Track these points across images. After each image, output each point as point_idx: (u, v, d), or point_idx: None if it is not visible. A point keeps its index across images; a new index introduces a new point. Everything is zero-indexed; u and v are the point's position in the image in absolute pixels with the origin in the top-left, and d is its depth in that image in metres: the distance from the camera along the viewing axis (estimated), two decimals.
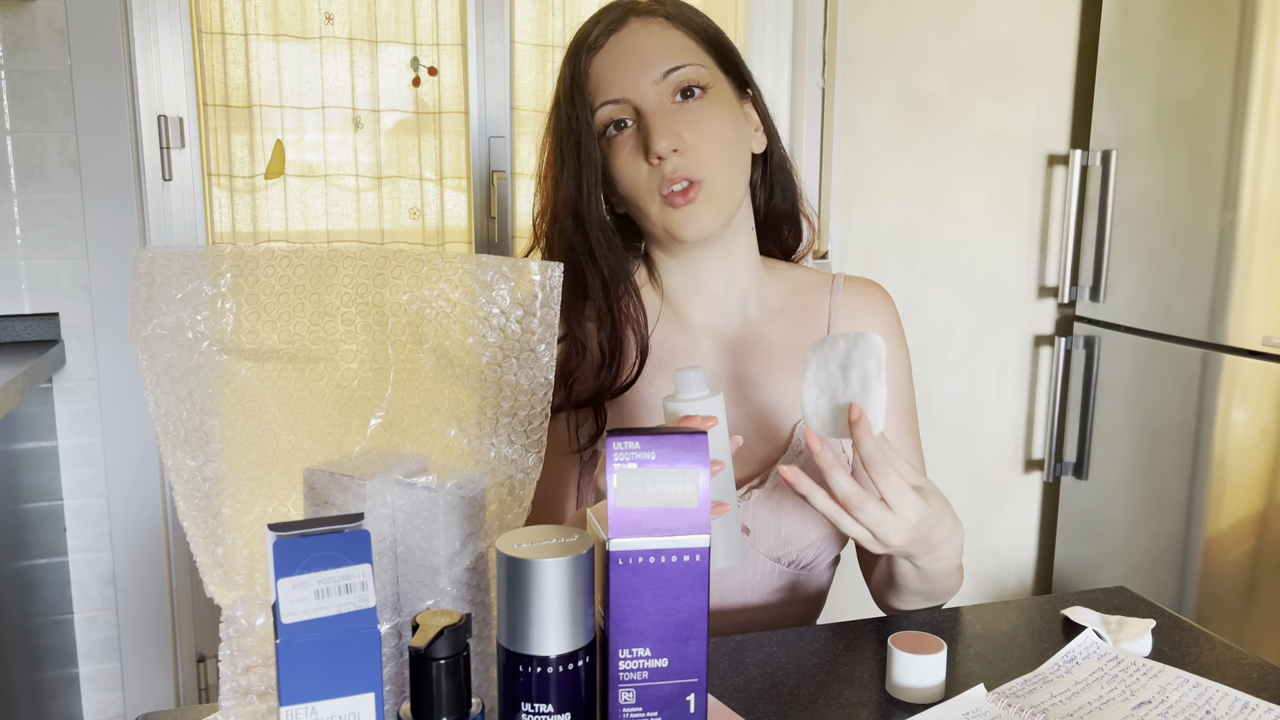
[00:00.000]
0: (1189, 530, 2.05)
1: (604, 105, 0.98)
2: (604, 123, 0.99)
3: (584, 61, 0.99)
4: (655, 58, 0.98)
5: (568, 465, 1.05)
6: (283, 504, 0.67)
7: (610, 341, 1.03)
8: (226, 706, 0.64)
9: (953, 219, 2.37)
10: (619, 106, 0.98)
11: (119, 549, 1.97)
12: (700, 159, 0.97)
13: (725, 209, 1.00)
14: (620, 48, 0.99)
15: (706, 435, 0.63)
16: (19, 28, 1.81)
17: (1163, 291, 2.10)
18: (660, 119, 0.96)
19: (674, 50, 0.99)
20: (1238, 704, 0.78)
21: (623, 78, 0.98)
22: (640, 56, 0.98)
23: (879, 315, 1.11)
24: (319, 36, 2.05)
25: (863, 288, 1.12)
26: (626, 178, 0.99)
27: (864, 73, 2.26)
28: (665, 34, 1.00)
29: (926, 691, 0.79)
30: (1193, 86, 2.00)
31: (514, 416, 0.68)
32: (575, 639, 0.60)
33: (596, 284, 1.03)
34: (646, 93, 0.97)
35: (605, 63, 0.99)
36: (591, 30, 1.01)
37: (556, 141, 1.02)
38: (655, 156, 0.96)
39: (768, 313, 1.08)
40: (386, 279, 0.67)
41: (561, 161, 1.01)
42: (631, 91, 0.97)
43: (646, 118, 0.97)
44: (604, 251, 1.02)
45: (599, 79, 0.99)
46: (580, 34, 1.02)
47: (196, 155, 2.02)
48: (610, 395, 1.02)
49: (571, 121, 1.00)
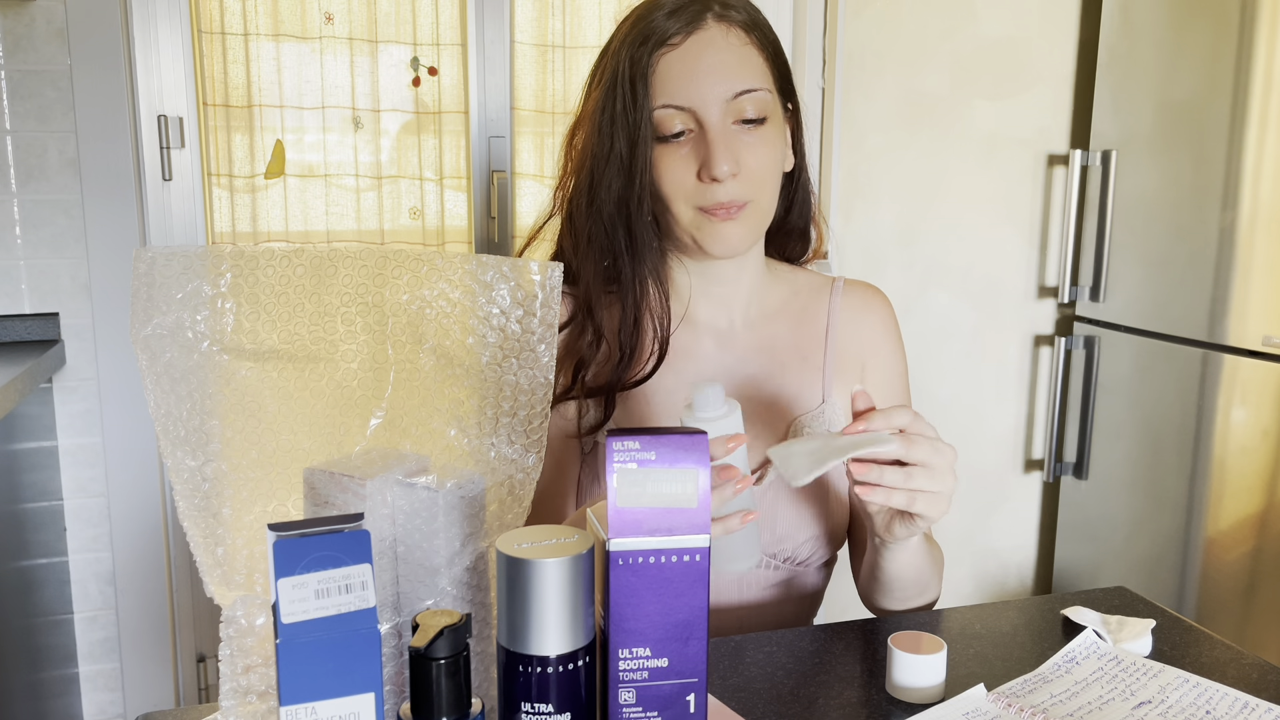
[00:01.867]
0: (1189, 530, 2.05)
1: (666, 108, 0.95)
2: (661, 123, 0.96)
3: (652, 54, 0.95)
4: (730, 75, 0.95)
5: (569, 451, 1.05)
6: (283, 504, 0.67)
7: (632, 335, 1.01)
8: (226, 706, 0.64)
9: (952, 219, 2.37)
10: (682, 115, 0.95)
11: (119, 549, 1.97)
12: (753, 183, 0.97)
13: (758, 232, 1.01)
14: (695, 54, 0.95)
15: (707, 435, 0.63)
16: (19, 28, 1.81)
17: (1163, 291, 2.10)
18: (724, 141, 0.95)
19: (748, 70, 0.96)
20: (1238, 704, 0.78)
21: (692, 87, 0.95)
22: (714, 70, 0.95)
23: (876, 318, 1.12)
24: (319, 36, 2.05)
25: (862, 291, 1.12)
26: (671, 183, 0.97)
27: (864, 73, 2.26)
28: (742, 50, 0.96)
29: (926, 691, 0.79)
30: (1193, 86, 2.00)
31: (514, 416, 0.68)
32: (575, 639, 0.60)
33: (631, 277, 1.01)
34: (714, 109, 0.95)
35: (677, 64, 0.95)
36: (666, 22, 0.96)
37: (608, 125, 0.97)
38: (712, 177, 0.95)
39: (768, 313, 1.08)
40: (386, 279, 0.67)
41: (610, 148, 0.97)
42: (699, 103, 0.95)
43: (710, 136, 0.95)
44: (645, 248, 1.00)
45: (667, 78, 0.95)
46: (650, 21, 0.96)
47: (196, 155, 2.02)
48: (624, 388, 1.02)
49: (628, 113, 0.96)
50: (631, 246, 1.00)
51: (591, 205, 1.00)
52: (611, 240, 1.00)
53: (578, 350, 1.03)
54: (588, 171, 1.00)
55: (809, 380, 1.07)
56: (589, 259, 1.01)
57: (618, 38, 0.99)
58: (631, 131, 0.96)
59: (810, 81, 2.22)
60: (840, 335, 1.09)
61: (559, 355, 1.03)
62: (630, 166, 0.97)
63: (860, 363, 1.10)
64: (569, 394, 1.02)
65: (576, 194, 1.02)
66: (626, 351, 1.01)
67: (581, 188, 1.01)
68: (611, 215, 0.99)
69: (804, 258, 1.15)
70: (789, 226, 1.10)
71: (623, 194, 0.98)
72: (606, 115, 0.97)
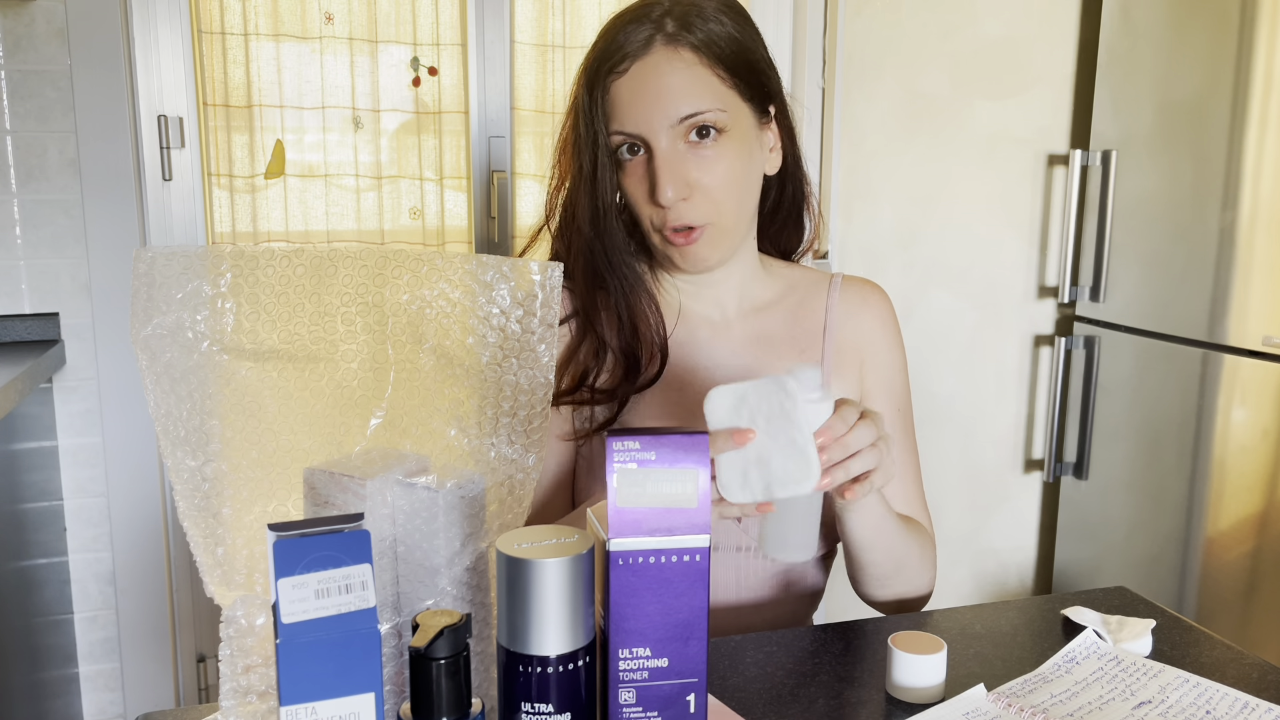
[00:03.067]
0: (1189, 530, 2.05)
1: (618, 134, 0.97)
2: (617, 145, 0.98)
3: (604, 80, 0.97)
4: (673, 100, 0.95)
5: (567, 454, 1.06)
6: (283, 504, 0.67)
7: (631, 343, 1.03)
8: (226, 706, 0.64)
9: (952, 219, 2.37)
10: (631, 138, 0.97)
11: (119, 549, 1.97)
12: (707, 203, 0.97)
13: (728, 245, 1.01)
14: (640, 80, 0.96)
15: (707, 435, 0.63)
16: (19, 28, 1.81)
17: (1163, 291, 2.10)
18: (668, 166, 0.95)
19: (694, 92, 0.96)
20: (1238, 704, 0.78)
21: (638, 113, 0.96)
22: (658, 95, 0.96)
23: (875, 314, 1.12)
24: (319, 36, 2.05)
25: (860, 286, 1.13)
26: (635, 203, 1.00)
27: (864, 73, 2.26)
28: (688, 71, 0.96)
29: (926, 691, 0.79)
30: (1193, 86, 2.00)
31: (514, 416, 0.68)
32: (575, 639, 0.60)
33: (618, 289, 1.03)
34: (660, 134, 0.96)
35: (624, 91, 0.97)
36: (615, 49, 0.97)
37: (575, 149, 1.01)
38: (657, 203, 0.96)
39: (762, 306, 1.09)
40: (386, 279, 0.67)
41: (579, 170, 1.01)
42: (645, 129, 0.96)
43: (656, 160, 0.96)
44: (622, 264, 1.03)
45: (616, 104, 0.97)
46: (605, 45, 0.98)
47: (196, 155, 2.02)
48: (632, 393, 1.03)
49: (587, 137, 0.98)
50: (609, 262, 1.02)
51: (573, 222, 1.03)
52: (593, 255, 1.03)
53: (582, 358, 1.04)
54: (569, 189, 1.03)
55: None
56: (579, 271, 1.04)
57: (584, 61, 1.01)
58: (593, 154, 0.99)
59: (810, 81, 2.22)
60: (839, 330, 1.09)
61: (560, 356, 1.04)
62: (593, 188, 0.99)
63: (859, 359, 1.10)
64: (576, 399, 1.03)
65: (564, 209, 1.05)
66: (631, 360, 1.02)
67: (566, 204, 1.04)
68: (588, 233, 1.02)
69: (801, 248, 1.15)
70: (780, 220, 1.11)
71: (592, 214, 1.01)
72: (573, 139, 1.01)
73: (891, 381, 1.12)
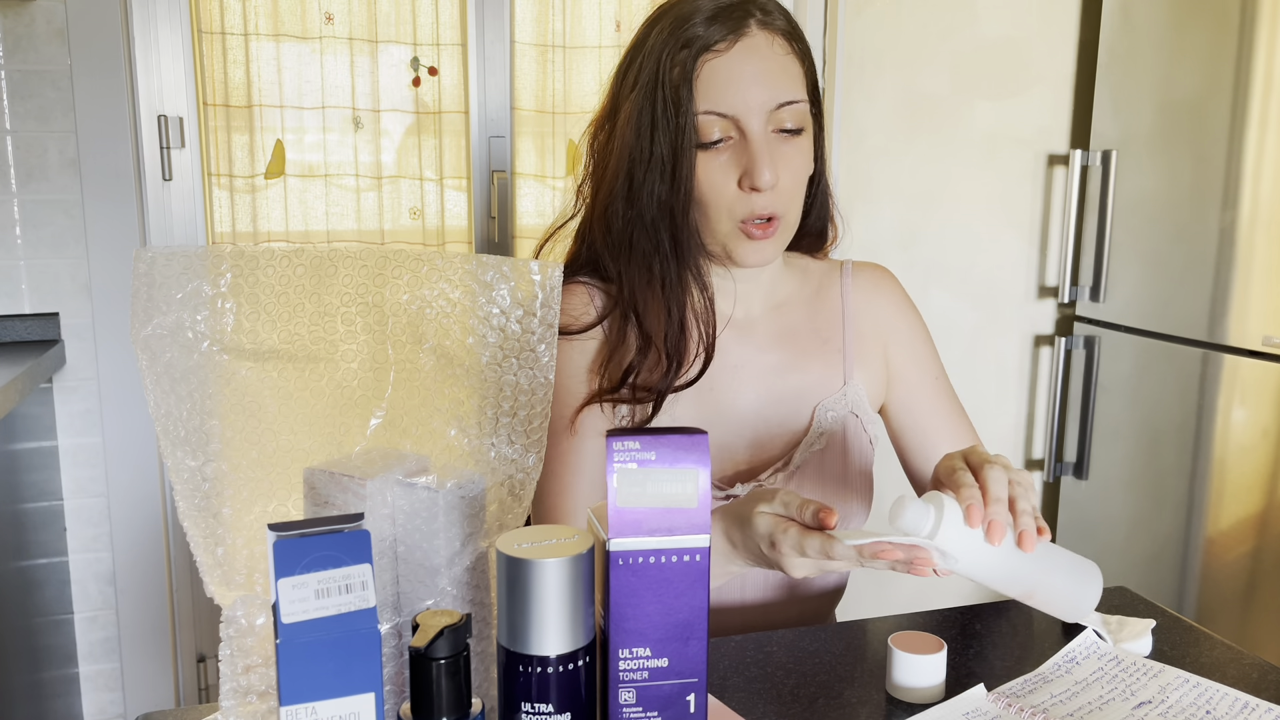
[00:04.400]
0: (1189, 530, 2.05)
1: (709, 114, 0.94)
2: (703, 129, 0.95)
3: (697, 58, 0.94)
4: (773, 85, 0.95)
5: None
6: (283, 504, 0.67)
7: (679, 339, 1.00)
8: (226, 706, 0.64)
9: (953, 218, 2.37)
10: (723, 122, 0.95)
11: (119, 549, 1.97)
12: (787, 196, 0.97)
13: (786, 242, 1.01)
14: (740, 61, 0.94)
15: (706, 435, 0.63)
16: (19, 28, 1.81)
17: (1163, 291, 2.10)
18: (765, 150, 0.94)
19: (790, 81, 0.96)
20: (1238, 704, 0.78)
21: (737, 95, 0.94)
22: (759, 78, 0.94)
23: (889, 299, 1.13)
24: (319, 36, 2.05)
25: (870, 272, 1.14)
26: (711, 191, 0.96)
27: (864, 72, 2.26)
28: (784, 59, 0.96)
29: (926, 691, 0.79)
30: (1193, 86, 2.00)
31: (514, 416, 0.68)
32: (575, 639, 0.60)
33: (676, 280, 0.99)
34: (756, 118, 0.94)
35: (722, 70, 0.94)
36: (710, 27, 0.95)
37: (648, 128, 0.96)
38: (753, 187, 0.94)
39: (784, 301, 1.09)
40: (386, 279, 0.67)
41: (650, 151, 0.96)
42: (742, 111, 0.94)
43: (752, 145, 0.94)
44: (689, 252, 0.99)
45: (711, 84, 0.94)
46: (691, 25, 0.95)
47: (196, 155, 2.02)
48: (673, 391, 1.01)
49: (670, 117, 0.95)
50: (675, 250, 0.99)
51: (631, 208, 0.98)
52: (655, 244, 0.99)
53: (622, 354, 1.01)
54: (625, 175, 0.98)
55: (830, 363, 1.08)
56: (632, 263, 1.00)
57: (655, 39, 0.97)
58: (675, 136, 0.95)
59: None
60: (857, 317, 1.10)
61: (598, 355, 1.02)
62: (674, 171, 0.95)
63: (881, 343, 1.11)
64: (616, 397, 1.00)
65: (612, 198, 1.00)
66: (675, 356, 1.00)
67: (618, 191, 0.99)
68: (655, 219, 0.98)
69: (819, 252, 1.15)
70: (807, 228, 1.10)
71: (666, 198, 0.97)
72: (647, 118, 0.96)
73: (919, 354, 1.13)
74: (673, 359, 1.00)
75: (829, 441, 1.05)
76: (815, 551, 0.77)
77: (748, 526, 0.82)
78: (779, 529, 0.79)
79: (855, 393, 1.07)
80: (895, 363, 1.11)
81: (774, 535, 0.80)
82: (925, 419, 1.11)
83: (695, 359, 1.01)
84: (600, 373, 1.01)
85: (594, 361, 1.02)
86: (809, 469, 1.03)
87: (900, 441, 1.13)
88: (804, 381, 1.06)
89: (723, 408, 1.04)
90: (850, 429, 1.06)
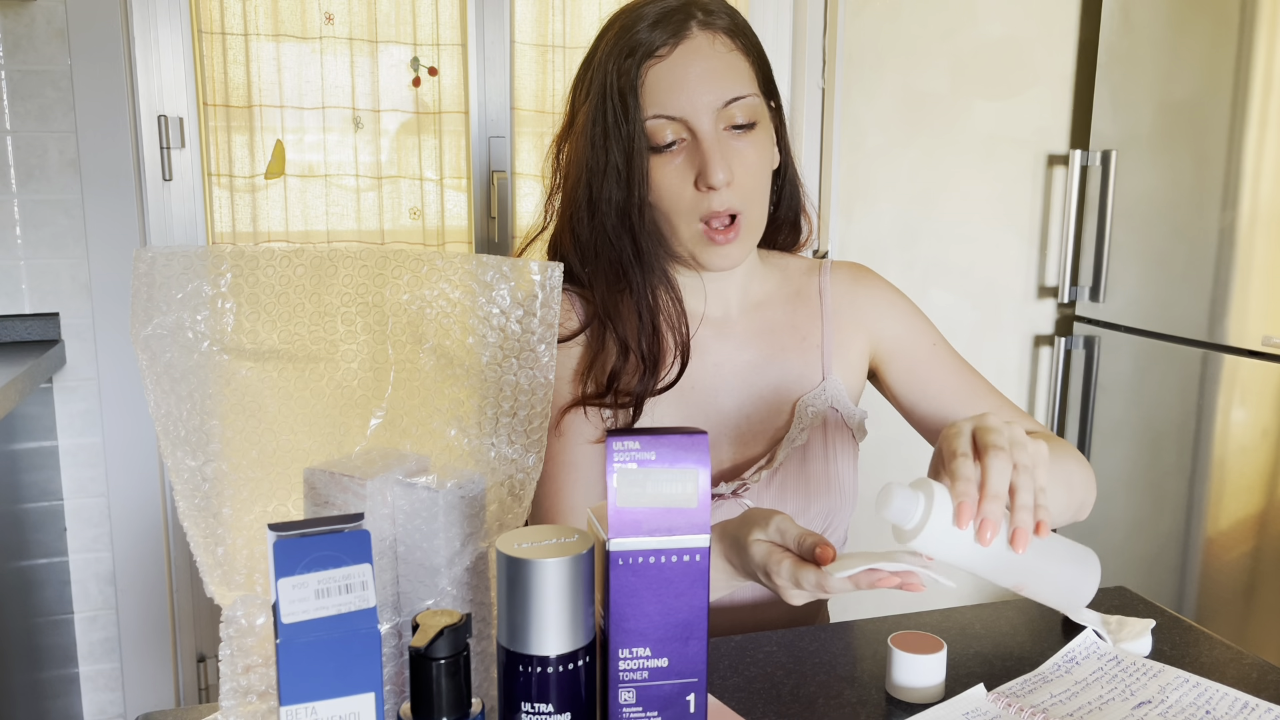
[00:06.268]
0: (1189, 530, 2.05)
1: (658, 118, 0.95)
2: (654, 134, 0.96)
3: (640, 66, 0.95)
4: (719, 83, 0.95)
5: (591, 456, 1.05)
6: (283, 504, 0.67)
7: (653, 343, 1.01)
8: (226, 706, 0.64)
9: (953, 218, 2.37)
10: (675, 125, 0.96)
11: (119, 549, 1.97)
12: (745, 193, 0.97)
13: (754, 240, 1.01)
14: (683, 64, 0.95)
15: (706, 435, 0.63)
16: (19, 28, 1.81)
17: (1163, 291, 2.10)
18: (716, 148, 0.95)
19: (736, 77, 0.97)
20: (1238, 704, 0.78)
21: (683, 97, 0.95)
22: (703, 78, 0.95)
23: (870, 292, 1.13)
24: (319, 36, 2.05)
25: (848, 267, 1.14)
26: (668, 195, 0.97)
27: (864, 73, 2.26)
28: (728, 56, 0.97)
29: (926, 691, 0.79)
30: (1193, 86, 2.00)
31: (514, 416, 0.68)
32: (575, 639, 0.60)
33: (643, 285, 1.00)
34: (705, 118, 0.95)
35: (666, 76, 0.95)
36: (651, 33, 0.96)
37: (600, 138, 0.97)
38: (708, 186, 0.95)
39: (762, 298, 1.10)
40: (386, 279, 0.67)
41: (605, 160, 0.97)
42: (690, 112, 0.95)
43: (703, 144, 0.95)
44: (652, 257, 1.00)
45: (656, 89, 0.95)
46: (634, 32, 0.96)
47: (196, 155, 2.02)
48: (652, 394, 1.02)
49: (620, 125, 0.96)
50: (638, 256, 1.00)
51: (594, 218, 1.00)
52: (619, 251, 1.00)
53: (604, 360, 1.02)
54: (584, 185, 1.00)
55: (809, 359, 1.08)
56: (599, 272, 1.01)
57: (601, 50, 0.99)
58: (626, 143, 0.96)
59: (810, 81, 2.22)
60: (837, 313, 1.10)
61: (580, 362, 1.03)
62: (628, 178, 0.97)
63: (863, 336, 1.11)
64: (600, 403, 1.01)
65: (575, 208, 1.01)
66: (650, 360, 1.00)
67: (580, 201, 1.00)
68: (615, 227, 0.99)
69: (795, 247, 1.15)
70: (778, 220, 1.11)
71: (623, 206, 0.98)
72: (599, 128, 0.97)
73: (911, 326, 1.12)
74: (648, 363, 1.00)
75: (810, 437, 1.05)
76: (811, 585, 0.76)
77: (744, 552, 0.82)
78: (773, 561, 0.78)
79: (834, 387, 1.08)
80: (888, 341, 1.11)
81: (768, 566, 0.79)
82: (933, 386, 1.10)
83: (673, 362, 1.02)
84: (583, 380, 1.02)
85: (577, 367, 1.03)
86: (791, 465, 1.04)
87: (914, 415, 1.12)
88: (784, 377, 1.07)
89: (704, 406, 1.05)
90: (830, 423, 1.07)
